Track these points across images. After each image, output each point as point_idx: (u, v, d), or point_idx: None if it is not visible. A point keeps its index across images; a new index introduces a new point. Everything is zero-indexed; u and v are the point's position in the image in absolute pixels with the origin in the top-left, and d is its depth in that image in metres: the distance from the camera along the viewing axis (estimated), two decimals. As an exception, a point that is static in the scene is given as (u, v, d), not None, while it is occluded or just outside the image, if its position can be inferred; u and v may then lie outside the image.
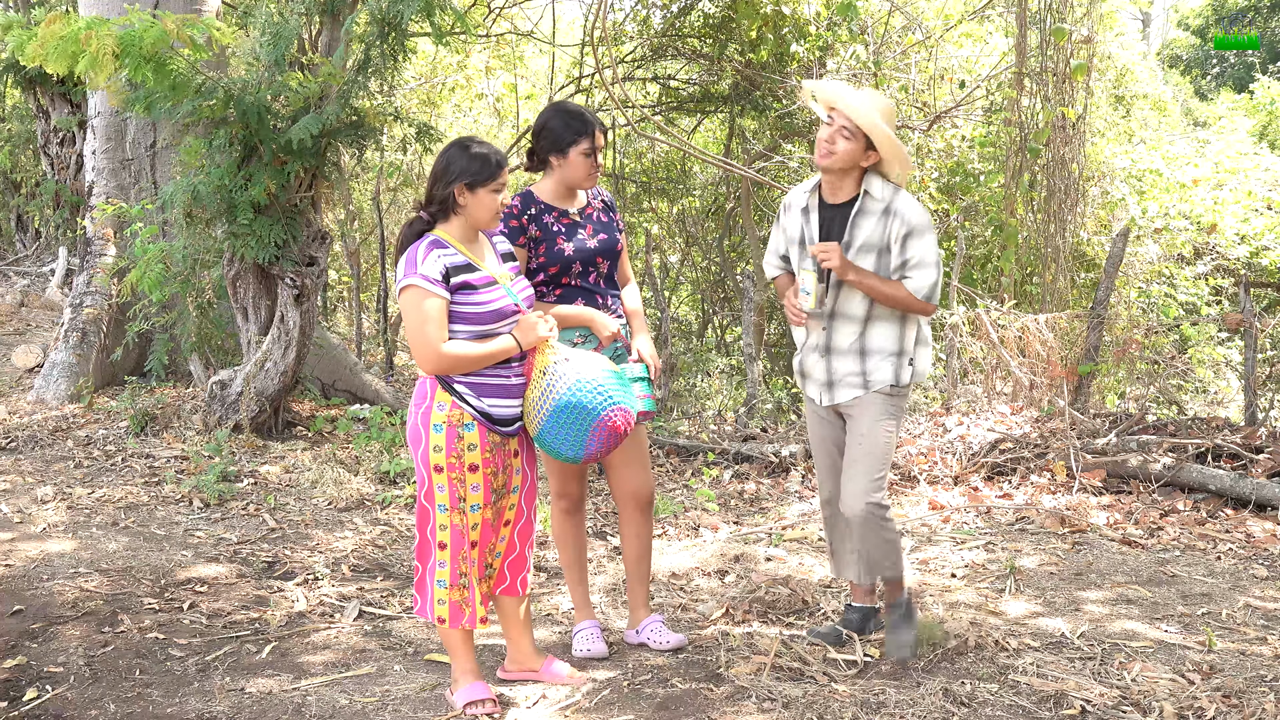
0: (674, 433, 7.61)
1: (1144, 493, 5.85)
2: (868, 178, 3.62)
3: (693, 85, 10.43)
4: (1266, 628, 4.03)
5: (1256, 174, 10.94)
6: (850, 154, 3.54)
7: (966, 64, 10.29)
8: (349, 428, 6.91)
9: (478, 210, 3.29)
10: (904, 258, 3.57)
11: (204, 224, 6.45)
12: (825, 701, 3.36)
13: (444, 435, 3.26)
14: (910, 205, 3.59)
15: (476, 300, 3.26)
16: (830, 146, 3.54)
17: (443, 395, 3.28)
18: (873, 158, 3.57)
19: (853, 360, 3.67)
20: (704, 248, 11.54)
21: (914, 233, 3.55)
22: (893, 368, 3.65)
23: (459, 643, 3.40)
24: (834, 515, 3.88)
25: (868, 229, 3.59)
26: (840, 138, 3.52)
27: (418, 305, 3.21)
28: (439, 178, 3.29)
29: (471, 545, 3.33)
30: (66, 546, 4.75)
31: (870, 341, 3.66)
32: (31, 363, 8.12)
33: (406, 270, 3.25)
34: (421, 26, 6.02)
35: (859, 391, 3.67)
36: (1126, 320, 9.17)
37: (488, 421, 3.30)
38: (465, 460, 3.28)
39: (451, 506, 3.30)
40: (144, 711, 3.38)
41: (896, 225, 3.56)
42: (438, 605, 3.34)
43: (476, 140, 3.35)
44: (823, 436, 3.85)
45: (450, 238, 3.31)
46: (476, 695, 3.37)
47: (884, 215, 3.58)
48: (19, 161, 11.45)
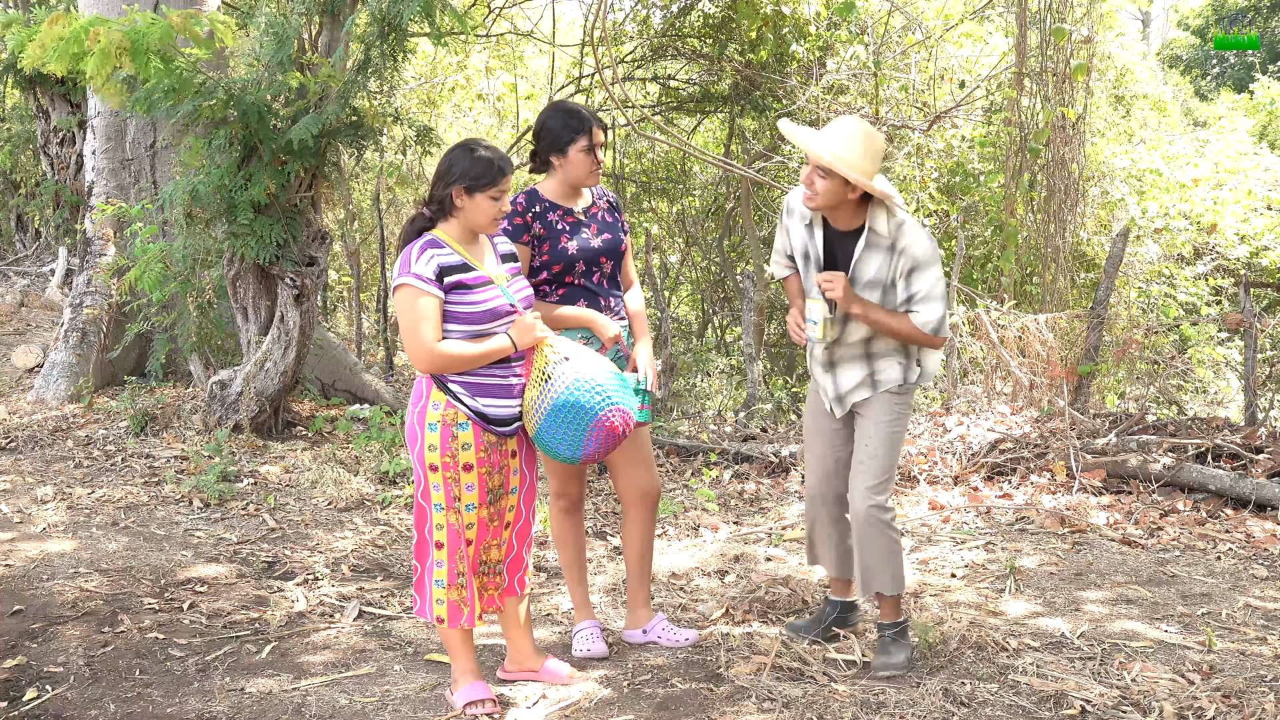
0: (674, 433, 7.61)
1: (1144, 493, 5.85)
2: (871, 211, 3.54)
3: (693, 85, 10.43)
4: (1266, 628, 4.03)
5: (1256, 174, 10.94)
6: (831, 191, 3.47)
7: (966, 64, 10.29)
8: (349, 428, 6.91)
9: (475, 214, 3.30)
10: (910, 292, 3.54)
11: (204, 224, 6.44)
12: (825, 701, 3.36)
13: (438, 434, 3.27)
14: (916, 239, 3.52)
15: (471, 300, 3.27)
16: (811, 188, 3.50)
17: (437, 394, 3.28)
18: (859, 190, 3.48)
19: (860, 367, 3.67)
20: (704, 248, 11.54)
21: (919, 267, 3.51)
22: (900, 369, 3.66)
23: (458, 643, 3.41)
24: (814, 506, 3.89)
25: (874, 265, 3.55)
26: (817, 178, 3.47)
27: (411, 304, 3.22)
28: (440, 177, 3.30)
29: (468, 544, 3.33)
30: (66, 546, 4.75)
31: (876, 347, 3.66)
32: (31, 363, 8.12)
33: (400, 270, 3.27)
34: (421, 27, 6.02)
35: (868, 393, 3.68)
36: (1126, 320, 9.17)
37: (483, 421, 3.30)
38: (460, 460, 3.28)
39: (447, 506, 3.30)
40: (144, 711, 3.38)
41: (902, 261, 3.52)
42: (436, 605, 3.35)
43: (484, 144, 3.34)
44: (820, 427, 3.84)
45: (448, 237, 3.32)
46: (476, 695, 3.37)
47: (889, 251, 3.53)
48: (19, 161, 11.45)
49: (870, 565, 3.65)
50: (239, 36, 6.62)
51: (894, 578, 3.67)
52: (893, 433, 3.66)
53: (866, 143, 3.46)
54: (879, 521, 3.62)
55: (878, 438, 3.64)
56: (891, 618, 3.72)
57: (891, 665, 3.63)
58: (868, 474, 3.63)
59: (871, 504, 3.61)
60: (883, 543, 3.64)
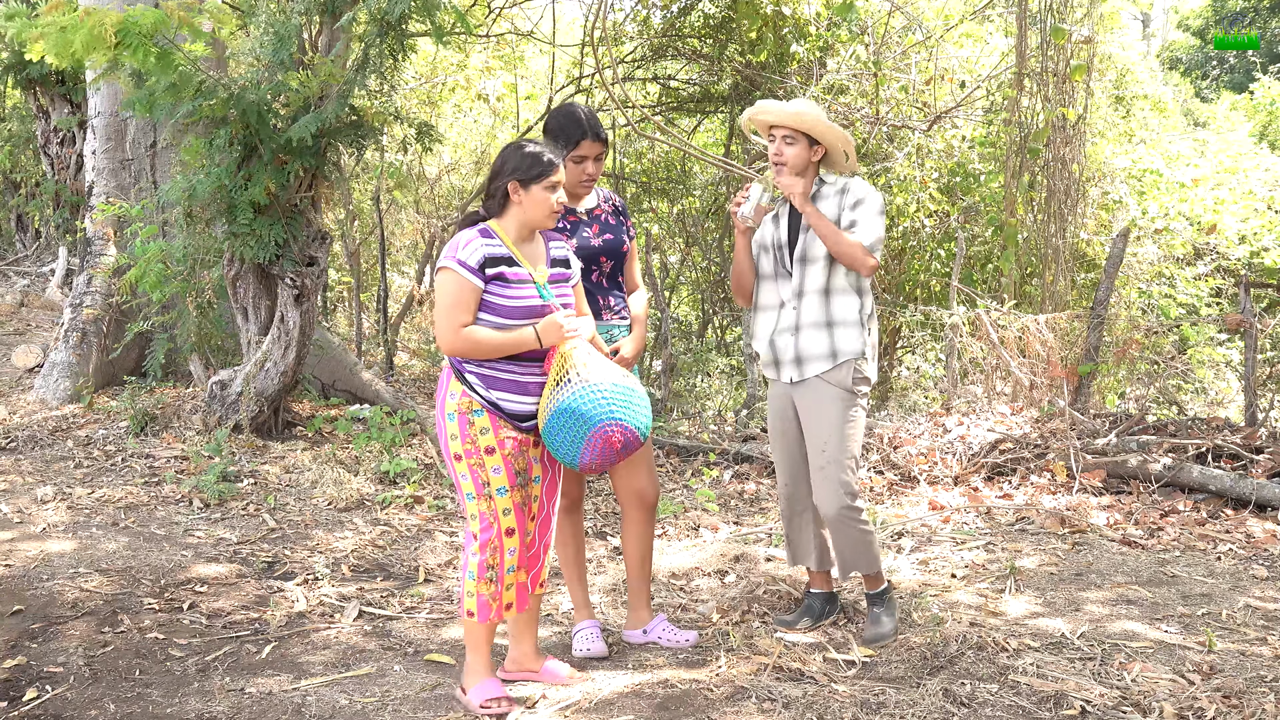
0: (674, 433, 7.61)
1: (1144, 493, 5.85)
2: (824, 170, 3.99)
3: (693, 85, 10.43)
4: (1266, 628, 4.03)
5: (1256, 174, 10.94)
6: (799, 154, 3.87)
7: (966, 64, 10.28)
8: (349, 428, 6.91)
9: (531, 207, 3.36)
10: (852, 218, 3.87)
11: (204, 224, 6.45)
12: (825, 701, 3.36)
13: (457, 423, 3.33)
14: (863, 186, 3.91)
15: (507, 294, 3.31)
16: (779, 157, 3.88)
17: (455, 385, 3.35)
18: (819, 151, 3.89)
19: (821, 334, 3.89)
20: (704, 248, 11.54)
21: (862, 201, 3.87)
22: (860, 337, 3.89)
23: (482, 638, 3.41)
24: (790, 505, 4.10)
25: (824, 209, 3.90)
26: (784, 145, 3.87)
27: (447, 287, 3.30)
28: (495, 175, 3.40)
29: (508, 533, 3.33)
30: (66, 546, 4.75)
31: (834, 313, 3.89)
32: (31, 363, 8.12)
33: (446, 253, 3.34)
34: (421, 26, 6.02)
35: (827, 364, 3.88)
36: (1126, 320, 9.17)
37: (499, 412, 3.33)
38: (481, 444, 3.32)
39: (477, 493, 3.33)
40: (144, 711, 3.38)
41: (848, 199, 3.89)
42: (466, 598, 3.36)
43: (533, 140, 3.44)
44: (784, 430, 4.05)
45: (502, 232, 3.38)
46: (492, 693, 3.37)
47: (839, 194, 3.90)
48: (19, 161, 11.45)
49: (846, 554, 3.94)
50: (239, 36, 6.61)
51: (870, 558, 3.94)
52: (846, 434, 3.87)
53: (815, 106, 3.93)
54: (850, 520, 3.88)
55: (833, 442, 3.86)
56: (875, 587, 4.02)
57: (882, 635, 3.93)
58: (829, 479, 3.86)
59: (841, 506, 3.86)
60: (855, 535, 3.90)
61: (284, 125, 5.98)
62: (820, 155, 3.91)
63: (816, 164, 3.93)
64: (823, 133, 3.85)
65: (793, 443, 4.03)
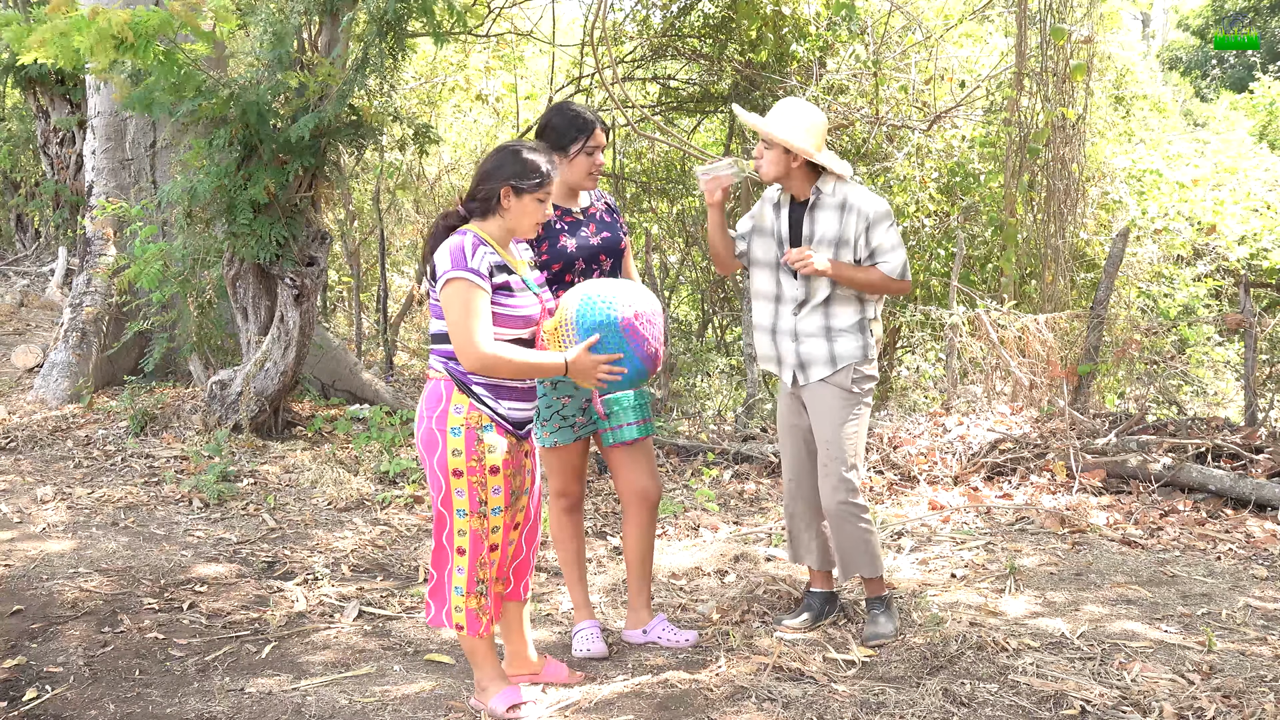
0: (674, 433, 7.60)
1: (1144, 493, 5.84)
2: (822, 178, 3.91)
3: (692, 85, 10.43)
4: (1266, 628, 4.03)
5: (1256, 174, 10.94)
6: (775, 161, 3.86)
7: (966, 64, 10.28)
8: (348, 428, 6.91)
9: (520, 216, 3.23)
10: (872, 246, 3.85)
11: (204, 224, 6.44)
12: (825, 701, 3.36)
13: (463, 439, 3.18)
14: (863, 197, 3.87)
15: (512, 303, 3.21)
16: (759, 161, 3.90)
17: (459, 398, 3.19)
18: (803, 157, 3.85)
19: (821, 342, 3.90)
20: (704, 248, 11.53)
21: (874, 223, 3.84)
22: (859, 343, 3.90)
23: (484, 650, 3.35)
24: (794, 503, 4.11)
25: (825, 222, 3.87)
26: (764, 149, 3.88)
27: (465, 299, 3.10)
28: (488, 176, 3.22)
29: (491, 549, 3.27)
30: (66, 546, 4.75)
31: (834, 321, 3.89)
32: (31, 363, 8.12)
33: (454, 263, 3.12)
34: (421, 26, 6.02)
35: (828, 370, 3.89)
36: (1126, 320, 9.17)
37: (504, 423, 3.25)
38: (486, 463, 3.20)
39: (471, 511, 3.22)
40: (144, 711, 3.38)
41: (855, 220, 3.84)
42: (455, 613, 3.29)
43: (531, 146, 3.29)
44: (793, 425, 4.06)
45: (487, 237, 3.24)
46: (514, 700, 3.33)
47: (840, 210, 3.86)
48: (19, 161, 11.46)
49: (848, 553, 3.95)
50: (239, 36, 6.61)
51: (872, 561, 3.96)
52: (849, 431, 3.89)
53: (801, 118, 3.85)
54: (850, 516, 3.90)
55: (836, 439, 3.88)
56: (876, 593, 4.03)
57: (880, 634, 3.94)
58: (832, 475, 3.88)
59: (841, 502, 3.88)
60: (856, 533, 3.92)
61: (284, 125, 5.98)
62: (800, 163, 3.85)
63: (810, 168, 3.88)
64: (794, 147, 3.79)
65: (800, 439, 4.04)
